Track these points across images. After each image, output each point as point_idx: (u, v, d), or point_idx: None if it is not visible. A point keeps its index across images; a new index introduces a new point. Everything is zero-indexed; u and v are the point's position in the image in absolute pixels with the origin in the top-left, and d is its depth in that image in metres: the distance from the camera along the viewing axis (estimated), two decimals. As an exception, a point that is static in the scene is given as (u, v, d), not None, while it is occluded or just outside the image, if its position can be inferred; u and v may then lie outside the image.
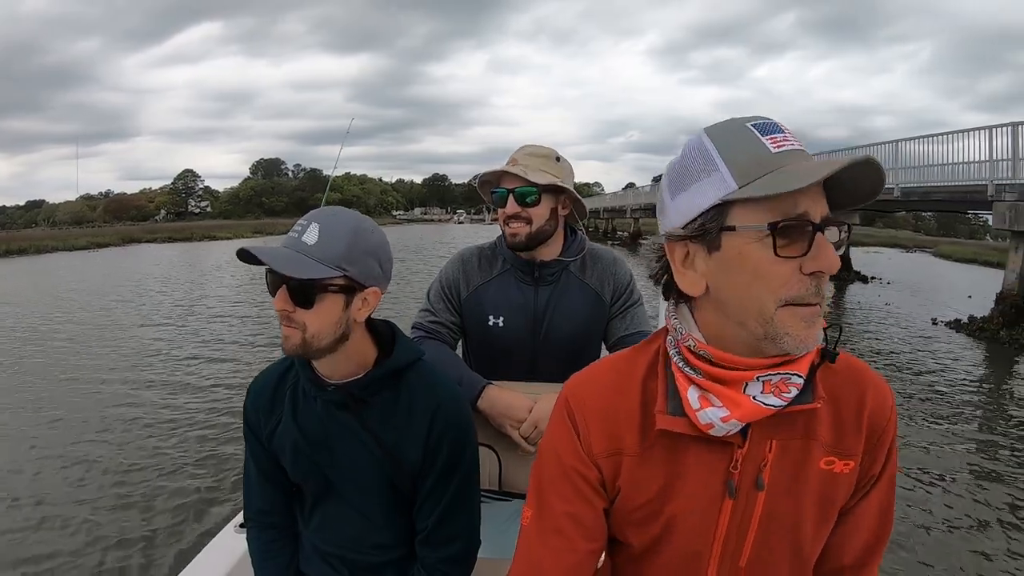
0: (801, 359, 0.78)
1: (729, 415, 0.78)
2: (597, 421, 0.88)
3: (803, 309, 0.74)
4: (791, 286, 0.74)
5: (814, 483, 0.83)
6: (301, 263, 1.08)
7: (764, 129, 0.76)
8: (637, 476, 0.86)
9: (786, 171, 0.72)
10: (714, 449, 0.82)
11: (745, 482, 0.83)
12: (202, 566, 1.71)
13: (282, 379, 1.29)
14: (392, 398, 1.21)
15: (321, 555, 1.30)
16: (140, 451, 5.35)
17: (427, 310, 1.79)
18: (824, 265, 0.73)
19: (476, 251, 1.83)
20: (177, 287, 18.08)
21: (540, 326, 1.72)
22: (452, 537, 1.24)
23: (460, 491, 1.23)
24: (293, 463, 1.25)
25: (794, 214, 0.72)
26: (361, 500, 1.25)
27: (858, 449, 0.84)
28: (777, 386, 0.78)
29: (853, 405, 0.85)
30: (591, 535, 0.89)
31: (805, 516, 0.84)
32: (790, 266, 0.73)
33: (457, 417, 1.23)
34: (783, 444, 0.82)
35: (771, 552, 0.85)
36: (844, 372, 0.86)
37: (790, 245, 0.73)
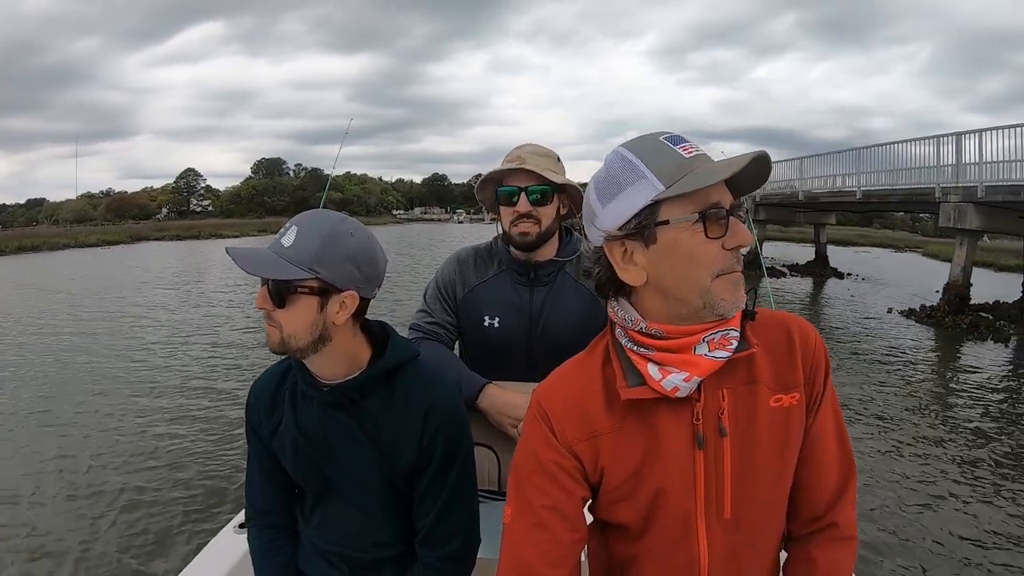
0: (734, 318, 0.93)
1: (690, 375, 0.90)
2: (568, 411, 0.97)
3: (729, 276, 0.90)
4: (719, 260, 0.89)
5: (769, 422, 0.94)
6: (274, 264, 1.11)
7: (674, 141, 0.91)
8: (618, 451, 0.95)
9: (700, 171, 0.87)
10: (677, 408, 0.93)
11: (709, 431, 0.93)
12: (202, 566, 1.73)
13: (282, 379, 1.31)
14: (387, 397, 1.23)
15: (321, 553, 1.33)
16: (140, 450, 5.48)
17: (424, 311, 1.82)
18: (741, 240, 0.89)
19: (472, 252, 1.85)
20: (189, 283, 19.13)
21: (536, 326, 1.74)
22: (451, 535, 1.26)
23: (457, 489, 1.25)
24: (293, 462, 1.28)
25: (712, 203, 0.88)
26: (360, 498, 1.27)
27: (798, 380, 0.96)
28: (719, 343, 0.91)
29: (783, 344, 0.97)
30: (572, 526, 0.96)
31: (769, 456, 0.94)
32: (715, 245, 0.89)
33: (451, 415, 1.25)
34: (733, 390, 0.94)
35: (749, 499, 0.94)
36: (768, 321, 0.99)
37: (714, 228, 0.88)
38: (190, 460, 5.25)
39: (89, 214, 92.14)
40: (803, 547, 1.02)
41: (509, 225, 1.70)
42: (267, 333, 1.16)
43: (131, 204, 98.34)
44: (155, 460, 5.27)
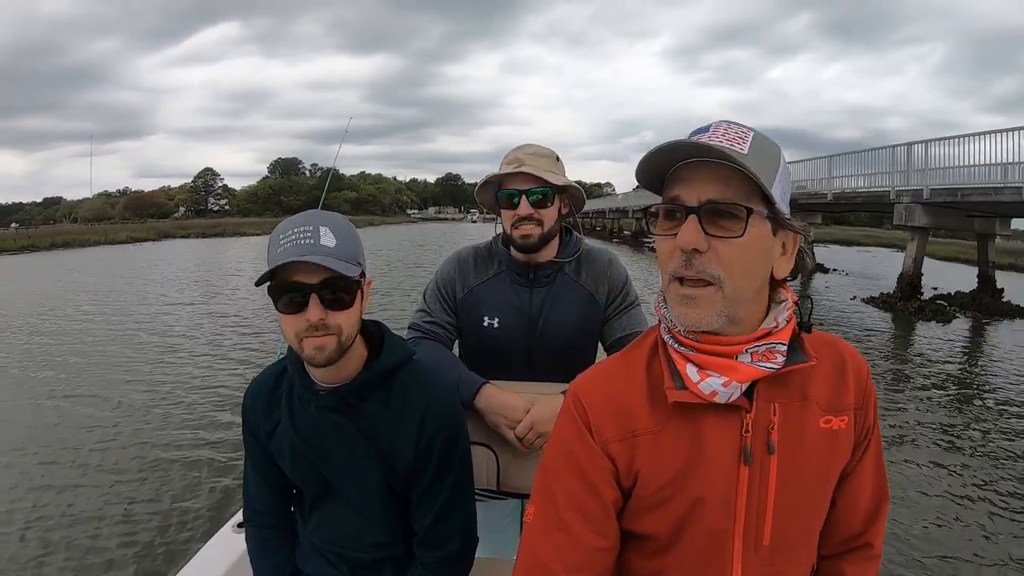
0: (782, 331, 0.88)
1: (728, 380, 0.85)
2: (607, 408, 0.91)
3: (680, 287, 0.85)
4: (668, 261, 0.86)
5: (817, 443, 0.89)
6: (345, 267, 1.12)
7: (695, 134, 0.86)
8: (657, 454, 0.89)
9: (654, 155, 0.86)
10: (726, 415, 0.87)
11: (757, 446, 0.87)
12: (201, 565, 1.76)
13: (278, 382, 1.31)
14: (384, 399, 1.24)
15: (320, 553, 1.33)
16: (141, 449, 5.46)
17: (423, 310, 1.82)
18: (679, 241, 0.83)
19: (472, 251, 1.86)
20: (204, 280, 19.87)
21: (535, 327, 1.74)
22: (449, 536, 1.27)
23: (455, 490, 1.26)
24: (291, 465, 1.28)
25: (667, 198, 0.86)
26: (359, 500, 1.28)
27: (849, 404, 0.92)
28: (764, 355, 0.86)
29: (837, 366, 0.93)
30: (598, 529, 0.90)
31: (814, 479, 0.90)
32: (668, 243, 0.85)
33: (449, 416, 1.26)
34: (784, 406, 0.88)
35: (789, 527, 0.90)
36: (819, 339, 0.94)
37: (668, 225, 0.86)
38: (191, 458, 5.24)
39: (107, 212, 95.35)
40: (834, 563, 1.01)
41: (510, 227, 1.70)
42: (316, 347, 1.12)
43: (149, 203, 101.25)
44: (155, 458, 5.26)
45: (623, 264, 1.86)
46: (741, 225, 0.82)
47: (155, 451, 5.44)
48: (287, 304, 1.12)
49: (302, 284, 1.10)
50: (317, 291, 1.10)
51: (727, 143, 0.82)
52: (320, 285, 1.10)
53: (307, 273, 1.10)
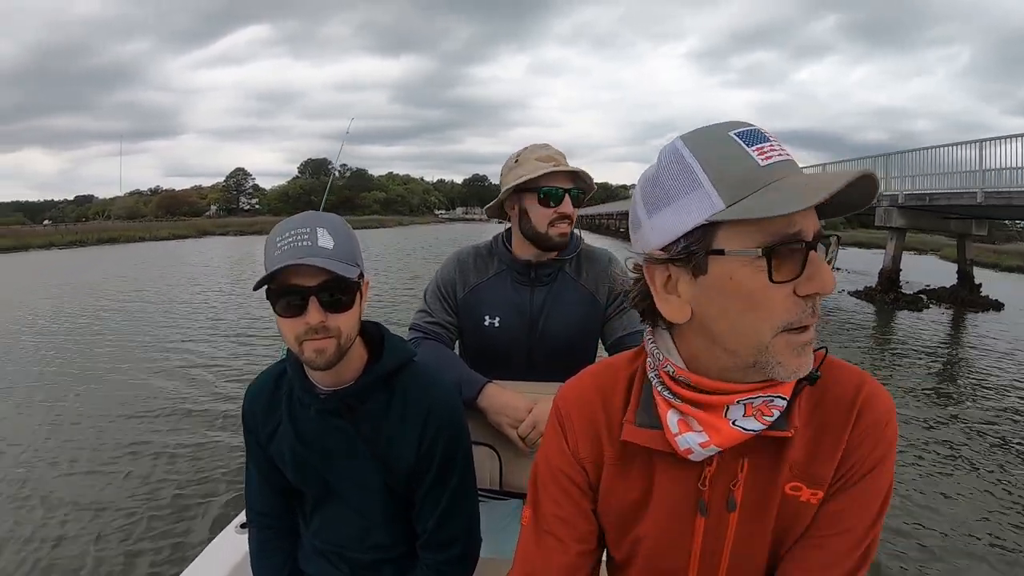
0: (785, 383, 0.77)
1: (708, 441, 0.77)
2: (582, 426, 0.91)
3: (796, 336, 0.72)
4: (786, 311, 0.71)
5: (778, 506, 0.81)
6: (344, 268, 1.12)
7: (749, 138, 0.72)
8: (613, 486, 0.89)
9: (779, 187, 0.68)
10: (683, 465, 0.82)
11: (716, 500, 0.82)
12: (204, 565, 1.78)
13: (277, 384, 1.32)
14: (385, 401, 1.25)
15: (321, 554, 1.36)
16: (143, 448, 5.50)
17: (424, 311, 1.85)
18: (820, 286, 0.70)
19: (472, 251, 1.88)
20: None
21: (536, 326, 1.77)
22: (452, 538, 1.29)
23: (457, 491, 1.28)
24: (292, 468, 1.30)
25: (788, 234, 0.69)
26: (360, 502, 1.29)
27: (828, 476, 0.80)
28: (759, 409, 0.77)
29: (835, 420, 0.81)
30: (581, 536, 0.92)
31: (769, 540, 0.83)
32: (785, 290, 0.70)
33: (450, 418, 1.27)
34: (754, 463, 0.81)
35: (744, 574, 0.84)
36: (834, 380, 0.82)
37: (785, 268, 0.70)
38: (194, 458, 5.30)
39: (140, 210, 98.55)
40: None
41: (547, 226, 1.70)
42: (316, 350, 1.13)
43: (182, 201, 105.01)
44: (158, 457, 5.32)
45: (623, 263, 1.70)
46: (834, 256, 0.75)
47: (158, 447, 5.52)
48: (286, 307, 1.11)
49: (300, 287, 1.10)
50: (316, 294, 1.10)
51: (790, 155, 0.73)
52: (319, 287, 1.10)
53: (305, 276, 1.09)
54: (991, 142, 14.03)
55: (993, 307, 15.93)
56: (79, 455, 5.41)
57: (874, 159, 17.89)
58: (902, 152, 16.89)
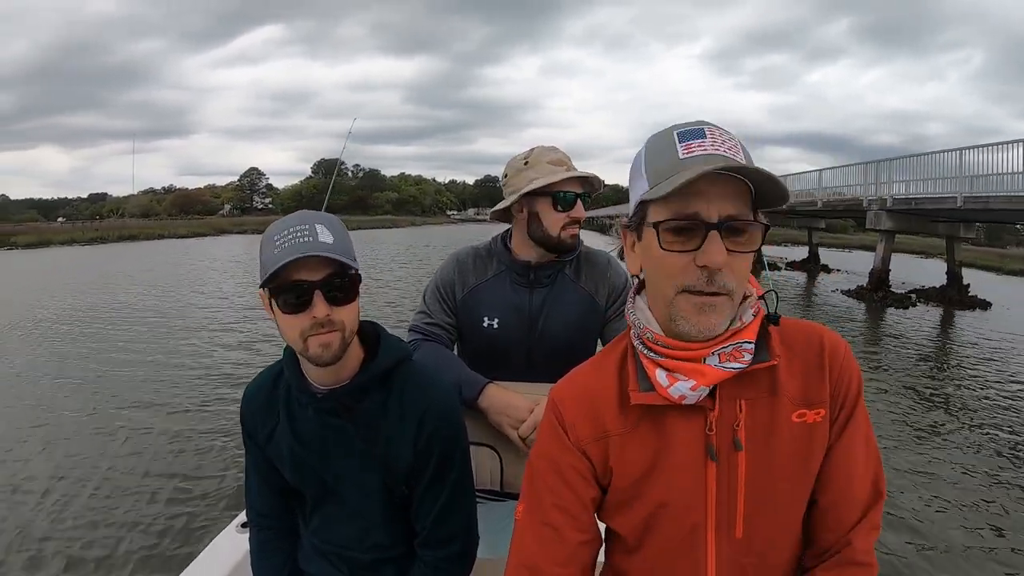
0: (746, 328, 0.92)
1: (696, 383, 0.89)
2: (580, 410, 0.99)
3: (696, 297, 0.87)
4: (683, 276, 0.87)
5: (789, 438, 0.92)
6: (345, 260, 1.15)
7: (685, 136, 0.89)
8: (626, 454, 0.96)
9: (678, 177, 0.84)
10: (690, 416, 0.93)
11: (723, 444, 0.92)
12: (204, 565, 1.79)
13: (275, 384, 1.34)
14: (381, 401, 1.27)
15: (321, 553, 1.38)
16: (144, 447, 5.53)
17: (423, 312, 1.86)
18: (706, 260, 0.85)
19: (472, 252, 1.90)
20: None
21: (535, 327, 1.79)
22: (451, 537, 1.31)
23: (455, 490, 1.30)
24: (290, 468, 1.32)
25: (683, 213, 0.86)
26: (359, 502, 1.31)
27: (824, 395, 0.93)
28: (731, 354, 0.90)
29: (812, 356, 0.95)
30: (581, 526, 0.98)
31: (787, 474, 0.92)
32: (683, 259, 0.87)
33: (448, 417, 1.30)
34: (751, 402, 0.92)
35: (763, 519, 0.93)
36: (799, 330, 0.97)
37: (680, 240, 0.87)
38: (195, 457, 5.31)
39: (154, 209, 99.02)
40: (813, 571, 0.97)
41: (559, 229, 1.74)
42: (322, 345, 1.15)
43: (195, 200, 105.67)
44: (159, 456, 5.34)
45: (622, 266, 1.82)
46: (756, 240, 0.89)
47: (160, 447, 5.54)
48: (290, 303, 1.13)
49: (305, 281, 1.11)
50: (321, 287, 1.12)
51: (730, 153, 0.87)
52: (323, 281, 1.12)
53: (309, 270, 1.11)
54: (971, 150, 15.18)
55: (980, 306, 16.97)
56: (79, 454, 5.42)
57: (865, 165, 19.17)
58: (890, 160, 18.25)
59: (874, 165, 18.66)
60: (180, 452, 5.45)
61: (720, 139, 0.88)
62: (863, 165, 19.36)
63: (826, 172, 22.17)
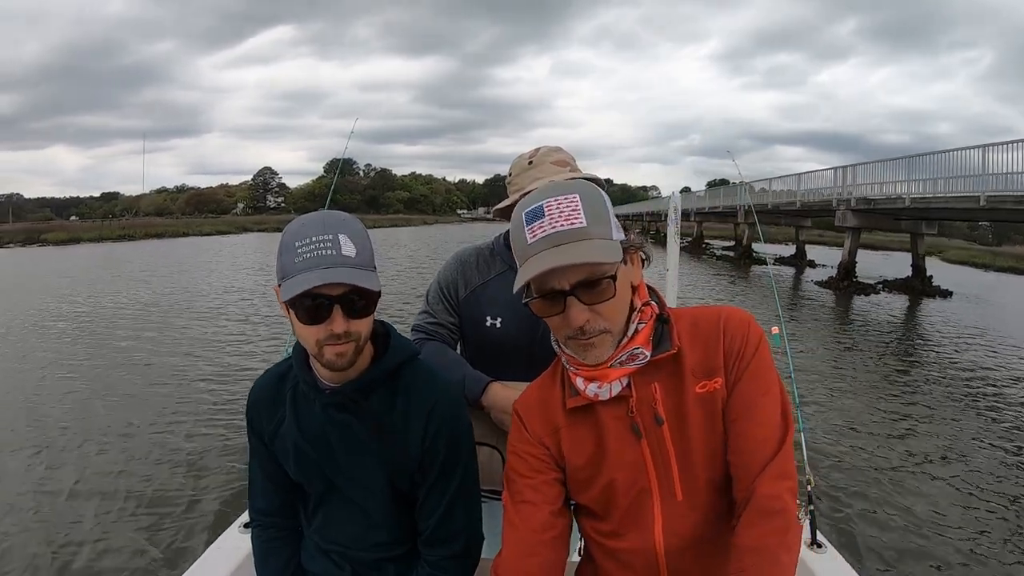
0: (637, 336, 1.13)
1: (602, 382, 1.13)
2: (536, 412, 1.24)
3: (578, 341, 1.09)
4: (562, 330, 1.10)
5: (697, 407, 1.12)
6: (367, 278, 1.17)
7: (529, 218, 1.07)
8: (574, 443, 1.20)
9: (527, 265, 1.06)
10: (614, 406, 1.16)
11: (647, 421, 1.13)
12: (207, 565, 1.80)
13: (282, 381, 1.37)
14: (389, 398, 1.30)
15: (324, 552, 1.39)
16: (144, 446, 5.61)
17: (426, 312, 1.90)
18: (568, 324, 1.07)
19: (474, 252, 1.93)
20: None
21: (537, 327, 1.79)
22: (455, 534, 1.34)
23: (460, 488, 1.33)
24: (295, 464, 1.34)
25: (545, 288, 1.07)
26: (363, 499, 1.33)
27: (718, 364, 1.12)
28: (628, 359, 1.12)
29: (711, 334, 1.14)
30: (549, 499, 1.20)
31: (703, 437, 1.12)
32: (558, 319, 1.09)
33: (454, 415, 1.33)
34: (663, 383, 1.14)
35: (695, 479, 1.12)
36: (705, 314, 1.18)
37: (548, 307, 1.08)
38: (197, 457, 5.36)
39: (168, 208, 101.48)
40: (735, 529, 1.06)
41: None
42: (336, 354, 1.18)
43: (208, 199, 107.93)
44: (161, 456, 5.38)
45: None
46: (612, 288, 1.05)
47: (162, 447, 5.56)
48: (309, 315, 1.14)
49: (326, 296, 1.13)
50: (340, 302, 1.14)
51: (567, 224, 1.04)
52: (344, 297, 1.14)
53: (330, 284, 1.12)
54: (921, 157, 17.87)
55: (940, 295, 19.36)
56: (80, 453, 5.50)
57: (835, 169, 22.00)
58: (854, 166, 21.18)
59: (842, 169, 21.43)
60: (181, 452, 5.51)
61: (558, 213, 1.05)
62: (833, 169, 22.19)
63: (803, 176, 25.05)
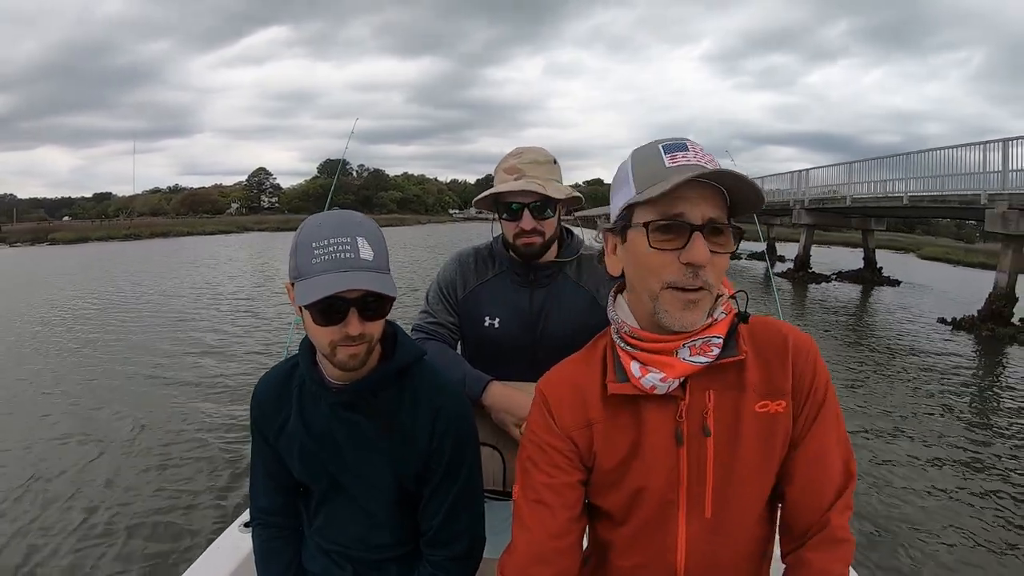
0: (717, 324, 1.03)
1: (666, 375, 1.01)
2: (566, 400, 1.11)
3: (681, 294, 0.98)
4: (668, 272, 0.98)
5: (753, 426, 1.03)
6: (384, 282, 1.17)
7: (669, 148, 1.00)
8: (608, 440, 1.08)
9: (668, 181, 0.95)
10: (663, 405, 1.05)
11: (693, 430, 1.04)
12: (207, 564, 1.80)
13: (288, 379, 1.37)
14: (396, 398, 1.30)
15: (325, 552, 1.39)
16: (148, 447, 5.67)
17: (426, 312, 1.91)
18: (691, 257, 0.95)
19: (473, 252, 1.94)
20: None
21: (536, 327, 1.83)
22: (458, 535, 1.33)
23: (464, 489, 1.33)
24: (300, 462, 1.34)
25: (670, 214, 0.96)
26: (367, 499, 1.33)
27: (786, 387, 1.04)
28: (701, 348, 1.01)
29: (777, 352, 1.06)
30: (568, 503, 1.10)
31: (752, 459, 1.04)
32: (668, 256, 0.97)
33: (460, 416, 1.33)
34: (719, 393, 1.04)
35: (731, 501, 1.04)
36: (764, 327, 1.08)
37: (667, 239, 0.97)
38: (196, 456, 5.37)
39: (163, 208, 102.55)
40: (798, 555, 1.06)
41: (513, 237, 1.78)
42: (349, 355, 1.18)
43: (203, 200, 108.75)
44: (161, 455, 5.41)
45: None
46: (731, 243, 1.00)
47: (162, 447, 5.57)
48: (325, 316, 1.15)
49: (343, 298, 1.14)
50: (357, 305, 1.15)
51: (709, 165, 0.98)
52: (360, 300, 1.15)
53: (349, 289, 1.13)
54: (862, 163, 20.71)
55: (890, 283, 21.80)
56: (79, 452, 5.50)
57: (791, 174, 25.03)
58: (808, 169, 24.19)
59: (798, 173, 24.43)
60: (181, 451, 5.53)
61: (700, 152, 1.00)
62: (790, 174, 25.32)
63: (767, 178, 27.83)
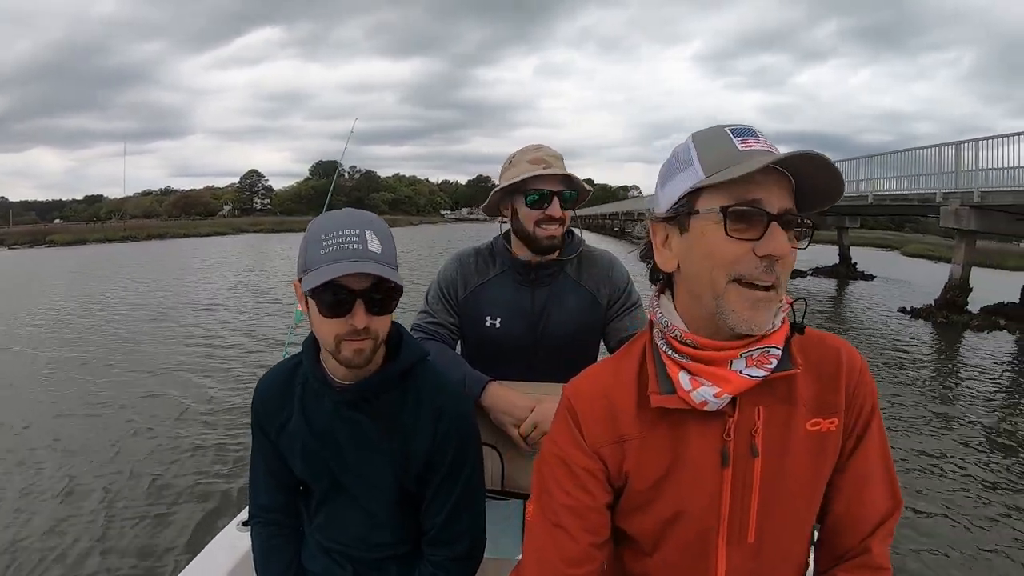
0: (775, 334, 0.92)
1: (721, 391, 0.90)
2: (597, 412, 0.99)
3: (750, 291, 0.87)
4: (740, 264, 0.86)
5: (803, 445, 0.94)
6: (392, 273, 1.15)
7: (738, 132, 0.90)
8: (643, 459, 0.97)
9: (746, 164, 0.85)
10: (709, 421, 0.94)
11: (740, 449, 0.93)
12: (205, 563, 1.79)
13: (291, 377, 1.36)
14: (399, 398, 1.29)
15: (325, 551, 1.39)
16: (146, 445, 5.62)
17: (426, 312, 1.89)
18: (772, 248, 0.85)
19: (473, 252, 1.93)
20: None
21: (537, 327, 1.82)
22: (459, 535, 1.33)
23: (466, 489, 1.32)
24: (301, 461, 1.34)
25: (747, 199, 0.86)
26: (368, 499, 1.33)
27: (838, 405, 0.96)
28: (759, 359, 0.91)
29: (829, 367, 0.97)
30: (592, 528, 0.99)
31: (801, 481, 0.95)
32: (743, 247, 0.86)
33: (463, 416, 1.33)
34: (770, 409, 0.94)
35: (775, 525, 0.96)
36: (817, 341, 0.99)
37: (742, 228, 0.86)
38: (195, 456, 5.35)
39: (155, 210, 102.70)
40: (833, 572, 1.01)
41: (534, 227, 1.75)
42: (354, 351, 1.18)
43: (195, 201, 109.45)
44: (160, 455, 5.37)
45: (623, 265, 1.92)
46: (806, 236, 0.91)
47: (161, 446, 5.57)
48: (331, 307, 1.14)
49: (350, 289, 1.13)
50: (364, 296, 1.14)
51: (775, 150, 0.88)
52: (367, 291, 1.14)
53: (354, 277, 1.13)
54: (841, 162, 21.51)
55: (863, 278, 22.66)
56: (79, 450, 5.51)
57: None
58: None
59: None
60: (180, 450, 5.50)
61: (767, 140, 0.90)
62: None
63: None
